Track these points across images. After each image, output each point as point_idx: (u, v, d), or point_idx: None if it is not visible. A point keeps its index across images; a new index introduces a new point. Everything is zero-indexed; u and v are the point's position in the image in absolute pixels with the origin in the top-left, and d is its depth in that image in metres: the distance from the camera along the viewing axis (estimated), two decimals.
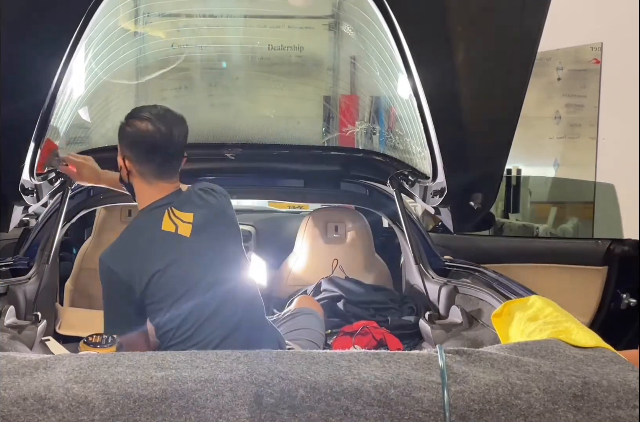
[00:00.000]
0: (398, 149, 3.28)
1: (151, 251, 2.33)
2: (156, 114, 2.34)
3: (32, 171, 2.74)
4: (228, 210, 2.50)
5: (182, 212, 2.39)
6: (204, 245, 2.36)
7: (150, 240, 2.36)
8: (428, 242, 3.36)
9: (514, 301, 2.33)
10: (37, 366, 1.61)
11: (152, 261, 2.31)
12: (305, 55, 3.33)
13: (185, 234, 2.35)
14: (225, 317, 2.29)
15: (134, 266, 2.30)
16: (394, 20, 2.40)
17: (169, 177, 2.41)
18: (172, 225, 2.36)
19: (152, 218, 2.38)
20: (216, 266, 2.35)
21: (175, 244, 2.34)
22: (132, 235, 2.40)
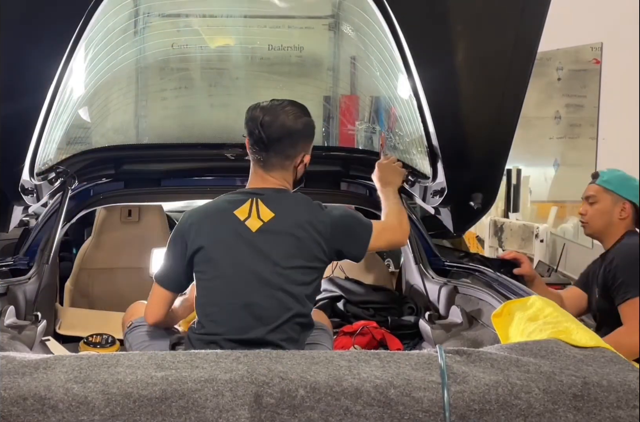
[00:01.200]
0: (398, 149, 3.28)
1: (213, 225, 2.34)
2: (268, 104, 2.36)
3: (32, 171, 2.74)
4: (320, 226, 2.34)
5: (265, 208, 2.34)
6: (265, 246, 2.30)
7: (220, 216, 2.35)
8: (428, 242, 3.36)
9: (514, 301, 2.33)
10: (37, 366, 1.61)
11: (208, 234, 2.33)
12: (305, 55, 3.33)
13: (251, 228, 2.31)
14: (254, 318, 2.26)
15: (196, 229, 2.34)
16: (393, 20, 2.40)
17: (268, 170, 2.38)
18: (246, 213, 2.33)
19: (236, 200, 2.37)
20: (264, 268, 2.29)
21: (236, 231, 2.31)
22: (213, 205, 2.41)
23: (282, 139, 2.33)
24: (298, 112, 2.37)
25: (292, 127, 2.33)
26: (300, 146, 2.38)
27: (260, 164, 2.40)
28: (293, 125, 2.33)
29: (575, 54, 6.44)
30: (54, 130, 2.80)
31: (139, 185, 3.36)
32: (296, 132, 2.34)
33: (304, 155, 2.40)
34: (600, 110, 5.95)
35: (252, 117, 2.35)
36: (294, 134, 2.34)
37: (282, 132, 2.32)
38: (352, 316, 3.15)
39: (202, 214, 2.39)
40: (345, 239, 2.40)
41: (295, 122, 2.34)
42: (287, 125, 2.32)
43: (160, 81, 3.31)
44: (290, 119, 2.33)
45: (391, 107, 3.24)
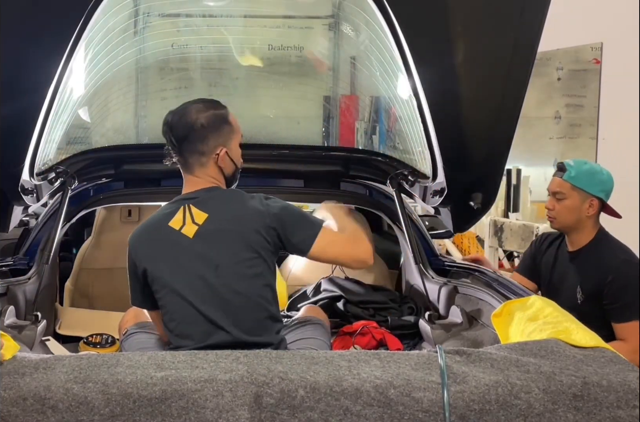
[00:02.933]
0: (398, 149, 3.27)
1: (152, 243, 2.36)
2: (178, 107, 2.38)
3: (32, 171, 2.74)
4: (260, 217, 2.32)
5: (198, 210, 2.33)
6: (205, 248, 2.30)
7: (156, 232, 2.37)
8: (428, 242, 3.36)
9: (514, 301, 2.33)
10: (37, 366, 1.61)
11: (149, 255, 2.36)
12: (305, 55, 3.32)
13: (188, 234, 2.31)
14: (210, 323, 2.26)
15: (138, 251, 2.39)
16: (393, 20, 2.40)
17: (190, 171, 2.39)
18: (180, 222, 2.33)
19: (170, 210, 2.37)
20: (210, 272, 2.28)
21: (174, 242, 2.31)
22: (150, 222, 2.43)
23: (189, 137, 2.33)
24: (203, 107, 2.36)
25: (195, 123, 2.32)
26: (211, 140, 2.34)
27: (182, 166, 2.41)
28: (195, 120, 2.32)
29: (575, 54, 6.44)
30: (54, 130, 2.80)
31: (139, 185, 3.35)
32: (201, 126, 2.32)
33: (220, 149, 2.36)
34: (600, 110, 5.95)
35: (163, 122, 2.39)
36: (198, 130, 2.32)
37: (186, 129, 2.33)
38: (352, 316, 3.15)
39: (140, 236, 2.42)
40: (287, 228, 2.33)
41: (198, 117, 2.33)
42: (189, 122, 2.32)
43: (160, 81, 3.30)
44: (193, 115, 2.33)
45: (391, 107, 3.24)
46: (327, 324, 2.73)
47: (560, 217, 3.09)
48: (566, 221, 3.08)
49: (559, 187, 3.08)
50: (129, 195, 3.35)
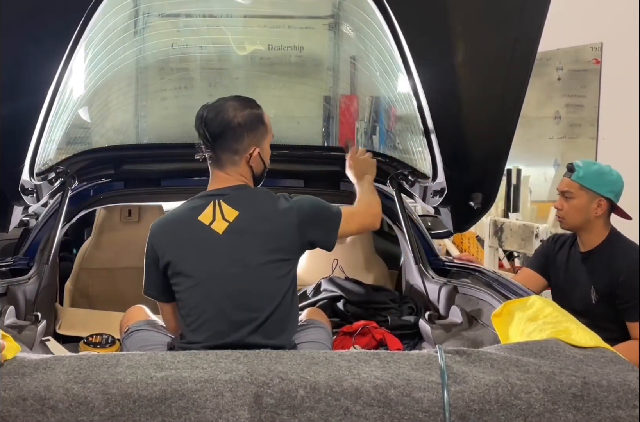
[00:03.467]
0: (398, 149, 3.27)
1: (178, 236, 2.33)
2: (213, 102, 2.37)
3: (32, 171, 2.74)
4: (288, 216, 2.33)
5: (229, 207, 2.32)
6: (234, 246, 2.29)
7: (184, 225, 2.34)
8: (428, 242, 3.36)
9: (513, 301, 2.33)
10: (37, 366, 1.61)
11: (175, 247, 2.32)
12: (305, 55, 3.32)
13: (218, 230, 2.29)
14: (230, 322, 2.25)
15: (163, 243, 2.34)
16: (393, 20, 2.39)
17: (221, 168, 2.38)
18: (210, 217, 2.30)
19: (198, 205, 2.35)
20: (238, 270, 2.27)
21: (203, 237, 2.29)
22: (176, 215, 2.40)
23: (225, 134, 2.32)
24: (240, 105, 2.35)
25: (233, 121, 2.31)
26: (246, 139, 2.34)
27: (212, 162, 2.40)
28: (233, 118, 2.31)
29: (575, 54, 6.44)
30: (54, 130, 2.80)
31: (139, 185, 3.35)
32: (238, 125, 2.32)
33: (254, 149, 2.36)
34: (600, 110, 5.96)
35: (197, 116, 2.37)
36: (235, 128, 2.32)
37: (222, 126, 2.31)
38: (352, 316, 3.15)
39: (166, 226, 2.38)
40: (315, 225, 2.37)
41: (235, 115, 2.32)
42: (227, 119, 2.31)
43: (160, 81, 3.30)
44: (230, 112, 2.32)
45: (391, 107, 3.24)
46: (329, 327, 2.73)
47: (568, 217, 3.10)
48: (574, 221, 3.09)
49: (568, 187, 3.10)
50: (129, 195, 3.35)
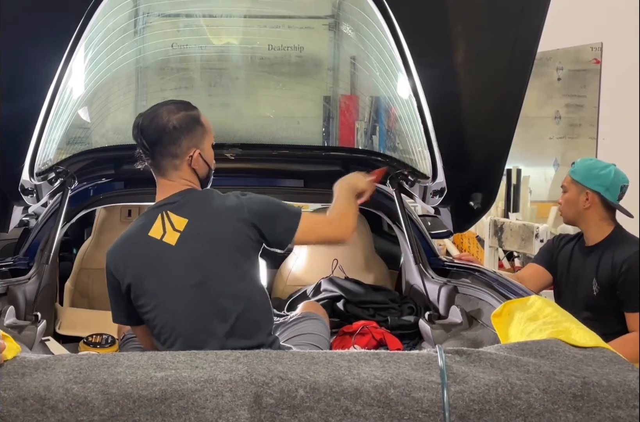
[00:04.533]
0: (398, 149, 3.28)
1: (133, 257, 2.27)
2: (149, 109, 2.32)
3: (32, 171, 2.74)
4: (239, 214, 2.28)
5: (177, 216, 2.27)
6: (190, 255, 2.24)
7: (137, 245, 2.29)
8: (428, 242, 3.36)
9: (513, 301, 2.33)
10: (37, 366, 1.61)
11: (132, 269, 2.26)
12: (305, 55, 3.32)
13: (171, 242, 2.24)
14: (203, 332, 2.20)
15: (120, 267, 2.28)
16: (393, 20, 2.39)
17: (164, 175, 2.31)
18: (160, 230, 2.26)
19: (147, 220, 2.30)
20: (200, 278, 2.22)
21: (157, 253, 2.24)
22: (128, 235, 2.34)
23: (161, 139, 2.26)
24: (174, 108, 2.29)
25: (167, 125, 2.25)
26: (183, 142, 2.28)
27: (155, 171, 2.34)
28: (167, 122, 2.26)
29: (575, 54, 6.45)
30: (54, 130, 2.80)
31: (139, 185, 3.35)
32: (173, 128, 2.26)
33: (194, 151, 2.29)
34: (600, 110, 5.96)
35: (134, 125, 2.31)
36: (171, 132, 2.26)
37: (158, 132, 2.26)
38: (352, 316, 3.15)
39: (119, 250, 2.32)
40: (267, 222, 2.30)
41: (169, 119, 2.26)
42: (161, 124, 2.26)
43: (160, 81, 3.30)
44: (164, 117, 2.26)
45: (391, 107, 3.24)
46: (326, 319, 2.72)
47: (563, 210, 3.23)
48: (567, 213, 3.21)
49: (565, 182, 3.21)
50: (129, 195, 3.35)
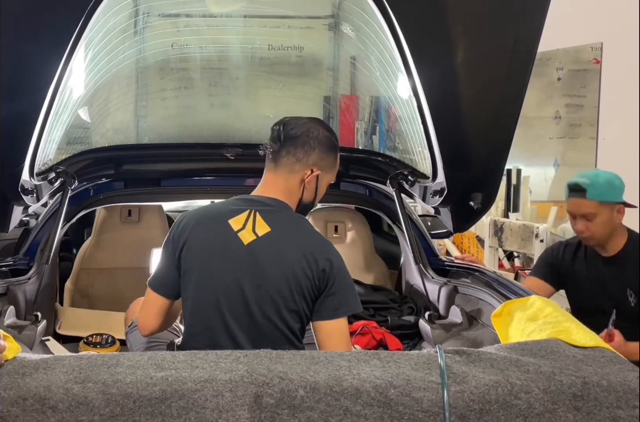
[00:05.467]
0: (398, 149, 3.28)
1: (205, 233, 2.22)
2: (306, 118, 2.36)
3: (32, 171, 2.74)
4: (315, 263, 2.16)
5: (263, 221, 2.20)
6: (254, 262, 2.16)
7: (213, 224, 2.23)
8: (428, 242, 3.36)
9: (513, 300, 2.33)
10: (37, 366, 1.61)
11: (195, 242, 2.21)
12: (305, 55, 3.33)
13: (244, 240, 2.17)
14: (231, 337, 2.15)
15: (185, 235, 2.23)
16: (393, 20, 2.40)
17: (277, 168, 2.27)
18: (241, 224, 2.20)
19: (235, 207, 2.24)
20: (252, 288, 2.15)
21: (225, 242, 2.18)
22: (211, 211, 2.31)
23: (298, 139, 2.25)
24: (326, 128, 2.34)
25: (312, 132, 2.26)
26: (313, 156, 2.26)
27: (269, 163, 2.30)
28: (312, 130, 2.27)
29: (575, 54, 6.44)
30: (54, 130, 2.80)
31: (139, 185, 3.36)
32: (315, 137, 2.26)
33: (315, 170, 2.27)
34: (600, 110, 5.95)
35: (279, 120, 2.33)
36: (312, 139, 2.25)
37: (300, 132, 2.26)
38: (352, 316, 3.15)
39: (196, 217, 2.28)
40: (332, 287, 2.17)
41: (316, 129, 2.28)
42: (308, 129, 2.27)
43: (160, 81, 3.30)
44: (314, 126, 2.29)
45: (391, 107, 3.24)
46: None
47: (597, 235, 3.04)
48: (603, 236, 3.04)
49: (589, 209, 3.01)
50: (129, 195, 3.36)
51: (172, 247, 2.25)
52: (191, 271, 2.21)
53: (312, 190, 2.31)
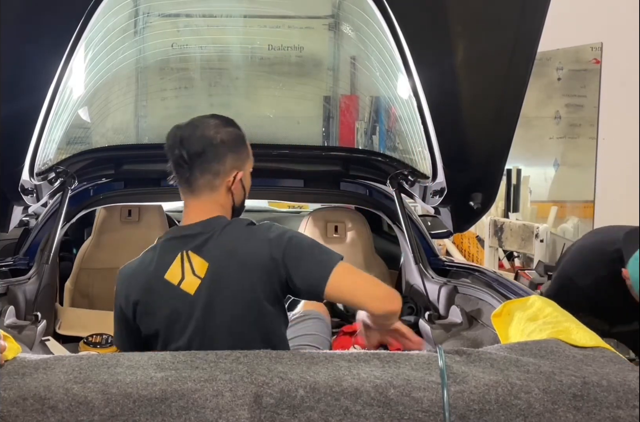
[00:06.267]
0: (398, 149, 3.28)
1: (147, 297, 2.05)
2: (186, 122, 2.15)
3: (32, 171, 2.74)
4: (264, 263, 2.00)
5: (198, 258, 2.02)
6: (210, 307, 2.00)
7: (151, 285, 2.05)
8: (428, 242, 3.36)
9: (513, 300, 2.33)
10: (37, 366, 1.61)
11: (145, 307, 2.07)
12: (305, 55, 3.33)
13: (189, 291, 2.00)
14: None
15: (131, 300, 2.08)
16: (393, 20, 2.40)
17: (197, 194, 2.08)
18: (178, 275, 2.01)
19: (165, 258, 2.05)
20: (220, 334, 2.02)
21: (174, 301, 2.01)
22: (142, 270, 2.10)
23: (206, 153, 2.05)
24: (220, 123, 2.12)
25: (214, 138, 2.07)
26: (228, 160, 2.08)
27: (186, 186, 2.10)
28: (215, 135, 2.07)
29: (575, 54, 6.45)
30: (54, 130, 2.81)
31: (139, 185, 3.36)
32: (220, 143, 2.07)
33: (237, 173, 2.10)
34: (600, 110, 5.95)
35: (170, 135, 2.12)
36: (218, 146, 2.07)
37: (203, 143, 2.06)
38: (352, 316, 3.15)
39: (134, 284, 2.08)
40: (296, 266, 1.99)
41: (218, 132, 2.08)
42: (208, 135, 2.07)
43: (160, 81, 3.31)
44: (210, 129, 2.08)
45: (391, 107, 3.24)
46: (327, 317, 2.71)
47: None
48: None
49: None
50: (129, 195, 3.36)
51: (124, 314, 2.12)
52: (154, 336, 2.09)
53: (241, 191, 2.17)
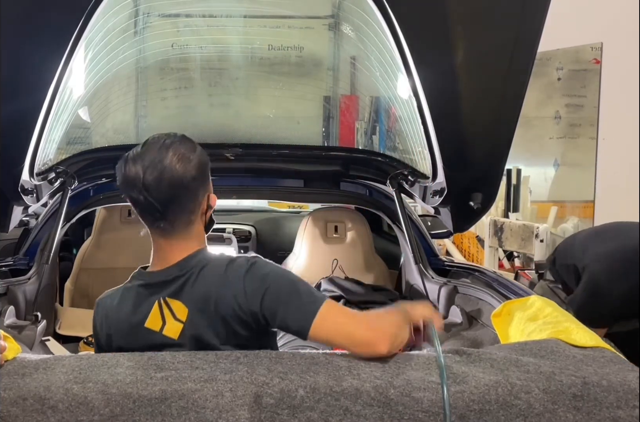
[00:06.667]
0: (398, 149, 3.28)
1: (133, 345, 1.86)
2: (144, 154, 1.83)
3: (32, 171, 2.74)
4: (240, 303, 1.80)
5: (177, 302, 1.84)
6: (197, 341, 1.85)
7: (134, 331, 1.89)
8: (428, 242, 3.36)
9: (513, 300, 2.33)
10: (37, 366, 1.61)
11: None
12: (305, 55, 3.33)
13: (172, 336, 1.84)
14: None
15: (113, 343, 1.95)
16: (393, 20, 2.40)
17: (173, 237, 1.87)
18: (158, 321, 1.85)
19: (142, 306, 1.89)
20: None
21: (157, 347, 1.81)
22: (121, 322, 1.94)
23: (178, 196, 1.82)
24: (183, 152, 1.83)
25: (184, 177, 1.81)
26: (200, 193, 1.87)
27: (161, 233, 1.87)
28: (184, 173, 1.81)
29: (575, 54, 6.45)
30: (54, 130, 2.81)
31: None
32: (192, 180, 1.82)
33: (208, 196, 1.91)
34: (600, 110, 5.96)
35: (129, 178, 1.81)
36: (189, 185, 1.82)
37: (174, 188, 1.80)
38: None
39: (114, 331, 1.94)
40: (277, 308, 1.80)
41: (186, 169, 1.82)
42: (176, 178, 1.80)
43: (160, 81, 3.31)
44: (178, 167, 1.80)
45: (391, 107, 3.24)
46: None
47: None
48: None
49: None
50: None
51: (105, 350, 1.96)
52: None
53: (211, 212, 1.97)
